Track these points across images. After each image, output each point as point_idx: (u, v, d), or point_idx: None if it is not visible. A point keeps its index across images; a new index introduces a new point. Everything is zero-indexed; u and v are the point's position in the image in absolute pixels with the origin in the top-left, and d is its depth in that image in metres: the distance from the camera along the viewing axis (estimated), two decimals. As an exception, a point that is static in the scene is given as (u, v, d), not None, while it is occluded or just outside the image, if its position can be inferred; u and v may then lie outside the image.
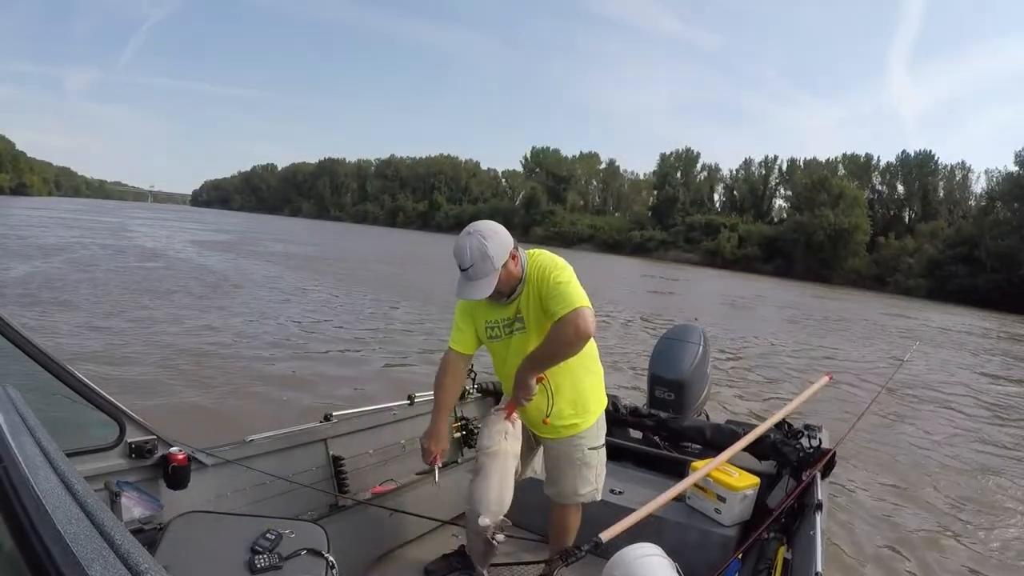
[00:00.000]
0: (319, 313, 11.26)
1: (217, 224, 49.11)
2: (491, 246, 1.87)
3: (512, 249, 1.94)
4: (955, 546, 4.37)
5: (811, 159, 71.17)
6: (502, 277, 1.92)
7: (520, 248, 2.02)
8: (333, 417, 2.61)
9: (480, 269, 1.88)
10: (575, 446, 2.21)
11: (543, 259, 2.03)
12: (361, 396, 5.79)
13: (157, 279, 13.31)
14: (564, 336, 1.86)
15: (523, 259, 2.01)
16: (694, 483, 2.54)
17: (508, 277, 1.95)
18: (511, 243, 1.95)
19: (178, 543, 1.57)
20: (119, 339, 7.35)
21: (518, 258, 1.97)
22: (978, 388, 11.18)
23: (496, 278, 1.90)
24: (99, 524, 0.66)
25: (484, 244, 1.87)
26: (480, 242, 1.87)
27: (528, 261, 2.03)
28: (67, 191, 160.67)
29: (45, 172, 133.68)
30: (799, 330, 17.13)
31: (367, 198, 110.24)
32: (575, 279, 1.98)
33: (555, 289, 1.92)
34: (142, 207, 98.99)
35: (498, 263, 1.89)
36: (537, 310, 2.01)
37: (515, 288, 2.00)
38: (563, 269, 1.99)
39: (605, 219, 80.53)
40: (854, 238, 56.11)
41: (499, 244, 1.90)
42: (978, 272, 45.63)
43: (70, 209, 51.03)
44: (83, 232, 25.56)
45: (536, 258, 2.04)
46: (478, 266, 1.87)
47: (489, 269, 1.88)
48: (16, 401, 1.13)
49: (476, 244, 1.87)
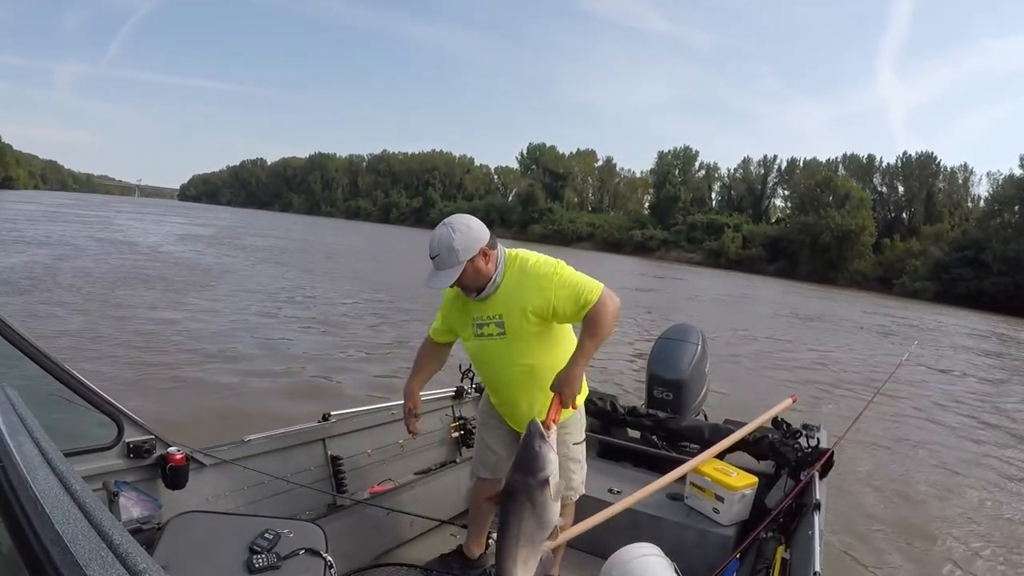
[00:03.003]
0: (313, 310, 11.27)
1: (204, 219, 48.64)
2: (457, 239, 1.87)
3: (484, 246, 1.91)
4: (954, 545, 4.38)
5: (811, 159, 71.26)
6: (468, 271, 1.91)
7: (502, 249, 2.00)
8: (331, 417, 2.61)
9: (445, 260, 1.89)
10: (560, 441, 2.20)
11: (531, 264, 1.98)
12: (360, 396, 5.80)
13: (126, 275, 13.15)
14: (606, 317, 1.90)
15: (500, 259, 1.98)
16: (668, 482, 2.53)
17: (475, 273, 1.93)
18: (483, 240, 1.92)
19: (176, 543, 1.58)
20: (95, 331, 7.34)
21: (491, 256, 1.94)
22: (978, 389, 11.21)
23: (459, 271, 1.89)
24: (97, 524, 0.66)
25: (452, 236, 1.87)
26: (448, 233, 1.88)
27: (508, 264, 1.99)
28: (53, 185, 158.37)
29: (31, 165, 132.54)
30: (807, 331, 17.14)
31: (359, 194, 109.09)
32: (572, 269, 1.98)
33: (570, 292, 1.92)
34: (127, 201, 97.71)
35: (463, 256, 1.88)
36: (521, 317, 1.97)
37: (484, 286, 1.97)
38: (559, 267, 1.97)
39: (604, 217, 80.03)
40: (860, 239, 55.98)
41: (467, 238, 1.89)
42: (985, 276, 45.61)
43: (54, 204, 50.49)
44: (63, 227, 25.28)
45: (522, 262, 1.99)
46: (443, 257, 1.88)
47: (453, 261, 1.88)
48: (14, 401, 1.12)
49: (445, 235, 1.88)
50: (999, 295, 43.16)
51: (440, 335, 2.27)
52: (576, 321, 1.97)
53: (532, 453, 1.60)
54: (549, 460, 1.61)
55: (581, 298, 1.90)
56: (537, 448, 1.61)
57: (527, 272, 1.97)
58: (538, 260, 2.00)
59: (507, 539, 1.57)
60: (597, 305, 1.89)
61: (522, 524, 1.56)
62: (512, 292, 1.97)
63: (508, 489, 1.61)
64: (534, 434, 1.63)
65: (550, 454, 1.61)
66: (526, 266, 1.98)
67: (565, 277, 1.94)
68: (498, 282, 1.98)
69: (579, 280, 1.94)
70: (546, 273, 1.95)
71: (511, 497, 1.59)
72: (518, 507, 1.58)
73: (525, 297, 1.94)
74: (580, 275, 1.96)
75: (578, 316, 1.93)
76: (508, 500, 1.59)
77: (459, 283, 1.93)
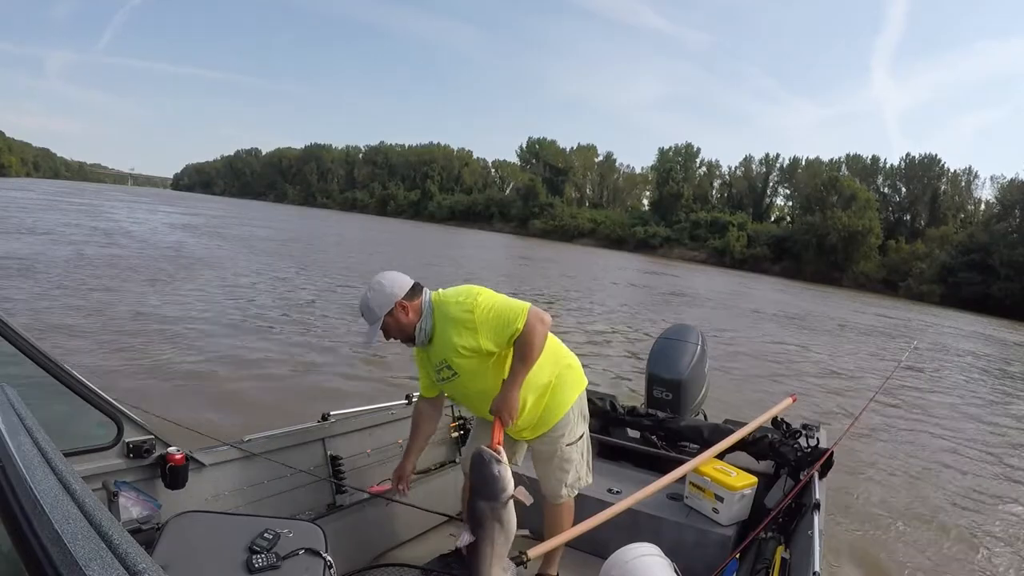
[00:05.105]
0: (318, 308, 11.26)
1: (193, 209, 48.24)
2: (372, 298, 2.02)
3: (400, 300, 2.01)
4: (954, 545, 4.39)
5: (813, 158, 70.92)
6: (390, 325, 2.04)
7: (427, 295, 2.08)
8: (331, 417, 2.61)
9: (368, 317, 2.05)
10: (551, 442, 2.26)
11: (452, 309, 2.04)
12: (359, 396, 5.80)
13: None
14: (534, 342, 1.98)
15: (426, 307, 2.06)
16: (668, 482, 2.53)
17: (397, 325, 2.04)
18: (398, 295, 2.02)
19: (176, 543, 1.58)
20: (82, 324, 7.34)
21: (409, 307, 2.04)
22: (979, 389, 11.22)
23: (379, 327, 2.03)
24: (97, 524, 0.67)
25: (368, 296, 2.03)
26: (367, 294, 2.04)
27: (435, 309, 2.07)
28: (46, 172, 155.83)
29: (24, 153, 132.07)
30: (808, 331, 17.15)
31: (355, 185, 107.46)
32: (494, 294, 2.08)
33: (495, 324, 1.99)
34: (119, 190, 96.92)
35: (380, 312, 2.01)
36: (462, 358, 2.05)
37: (411, 336, 2.07)
38: (478, 303, 2.02)
39: (606, 213, 78.98)
40: (867, 241, 55.73)
41: (381, 295, 2.02)
42: (992, 280, 45.44)
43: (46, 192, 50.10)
44: (54, 215, 25.14)
45: (444, 308, 2.06)
46: (366, 315, 2.05)
47: (373, 318, 2.03)
48: (14, 401, 1.13)
49: (365, 297, 2.04)
50: (1006, 299, 43.07)
51: (428, 390, 2.34)
52: (507, 350, 2.05)
53: (490, 478, 1.73)
54: (506, 479, 1.74)
55: (507, 330, 1.99)
56: (494, 472, 1.74)
57: (448, 317, 2.05)
58: (457, 302, 2.05)
59: (482, 562, 1.70)
60: (524, 331, 1.97)
61: (494, 546, 1.71)
62: (443, 337, 2.06)
63: (476, 518, 1.71)
64: (487, 461, 1.75)
65: (505, 472, 1.74)
66: (448, 312, 2.05)
67: (485, 313, 2.00)
68: (427, 329, 2.07)
69: (502, 311, 2.00)
70: (465, 316, 2.01)
71: (480, 527, 1.71)
72: (488, 532, 1.70)
73: (455, 341, 2.03)
74: (503, 303, 2.03)
75: (508, 345, 2.02)
76: (478, 528, 1.70)
77: (386, 336, 2.06)
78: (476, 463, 1.77)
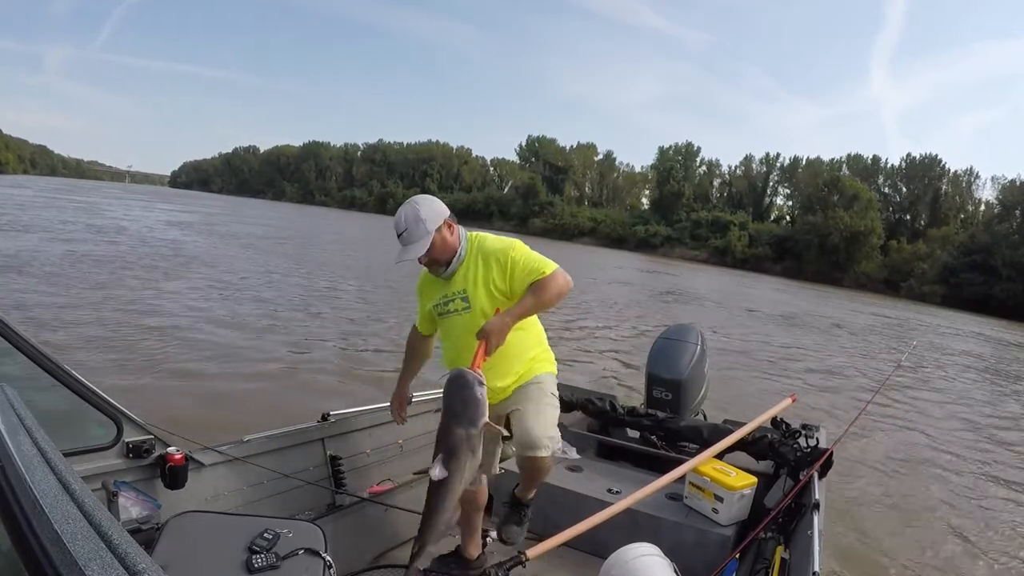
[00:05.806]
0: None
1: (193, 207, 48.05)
2: (423, 210, 1.97)
3: (448, 218, 2.02)
4: (953, 545, 4.39)
5: (814, 158, 70.82)
6: (436, 243, 1.99)
7: (460, 226, 2.10)
8: (331, 417, 2.62)
9: (413, 232, 1.96)
10: (535, 384, 2.15)
11: (489, 243, 2.09)
12: (359, 396, 5.79)
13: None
14: (552, 287, 1.98)
15: (461, 233, 2.09)
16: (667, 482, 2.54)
17: (443, 244, 2.01)
18: (445, 212, 2.03)
19: (176, 543, 1.58)
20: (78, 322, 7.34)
21: (454, 228, 2.05)
22: (980, 389, 11.22)
23: (429, 241, 1.96)
24: (96, 524, 0.67)
25: (417, 209, 1.97)
26: (414, 208, 1.98)
27: (469, 241, 2.10)
28: (43, 169, 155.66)
29: (21, 150, 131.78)
30: (808, 331, 17.15)
31: (354, 183, 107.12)
32: (529, 248, 2.09)
33: (525, 265, 2.02)
34: (116, 187, 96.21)
35: (431, 226, 1.96)
36: (485, 292, 2.04)
37: (451, 259, 2.05)
38: (516, 244, 2.08)
39: (606, 212, 78.99)
40: (868, 241, 55.74)
41: (431, 210, 1.98)
42: (994, 280, 45.47)
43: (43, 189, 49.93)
44: (50, 212, 25.09)
45: (481, 241, 2.11)
46: (412, 230, 1.96)
47: (422, 232, 1.96)
48: (14, 401, 1.13)
49: (410, 209, 1.98)
50: (1008, 300, 43.09)
51: (423, 326, 2.33)
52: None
53: (471, 401, 1.66)
54: (485, 404, 1.69)
55: (535, 274, 2.01)
56: (476, 395, 1.66)
57: (486, 249, 2.07)
58: (496, 238, 2.13)
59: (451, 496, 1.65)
60: (549, 276, 2.00)
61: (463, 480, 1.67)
62: (474, 269, 2.06)
63: (450, 448, 1.65)
64: (471, 383, 1.67)
65: (485, 399, 1.69)
66: (485, 244, 2.09)
67: (522, 253, 2.05)
68: (462, 256, 2.07)
69: (536, 257, 2.06)
70: (504, 248, 2.06)
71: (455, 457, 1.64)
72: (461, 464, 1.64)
73: (486, 272, 2.04)
74: (537, 254, 2.07)
75: (501, 302, 2.02)
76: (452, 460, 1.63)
77: (429, 254, 1.99)
78: (458, 384, 1.66)
